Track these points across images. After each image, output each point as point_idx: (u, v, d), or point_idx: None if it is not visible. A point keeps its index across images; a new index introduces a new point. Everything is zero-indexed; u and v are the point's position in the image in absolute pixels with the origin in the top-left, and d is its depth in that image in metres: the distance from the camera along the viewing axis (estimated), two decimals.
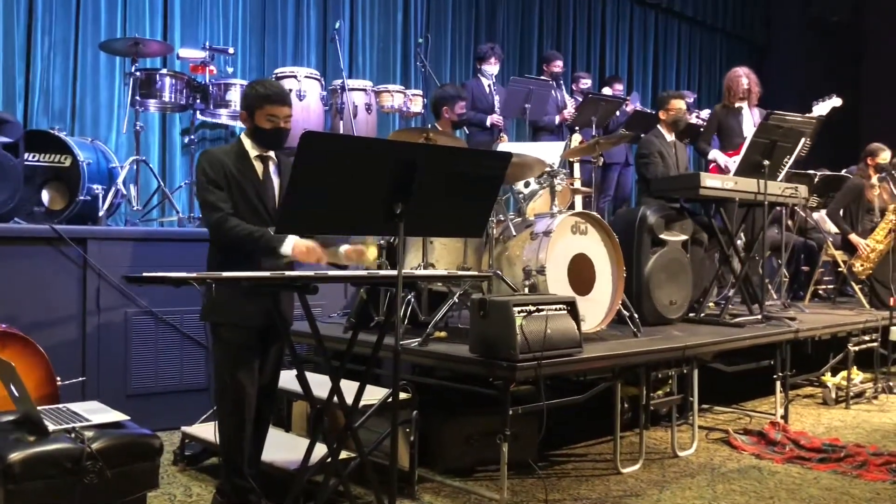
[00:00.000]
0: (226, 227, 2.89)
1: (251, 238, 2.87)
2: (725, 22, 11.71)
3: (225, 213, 2.90)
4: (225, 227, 2.89)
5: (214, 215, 2.91)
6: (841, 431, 4.70)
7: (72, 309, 4.24)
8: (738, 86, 6.01)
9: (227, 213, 2.90)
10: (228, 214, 2.90)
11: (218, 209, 2.91)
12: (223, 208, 2.91)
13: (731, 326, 4.76)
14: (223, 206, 2.91)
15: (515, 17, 9.06)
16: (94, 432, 2.69)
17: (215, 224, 2.92)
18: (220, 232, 2.92)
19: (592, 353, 3.62)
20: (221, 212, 2.90)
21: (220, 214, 2.90)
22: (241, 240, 2.88)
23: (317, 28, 7.30)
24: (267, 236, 2.85)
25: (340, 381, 2.82)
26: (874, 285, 6.42)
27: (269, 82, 3.15)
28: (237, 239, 2.89)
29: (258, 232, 2.87)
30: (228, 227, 2.88)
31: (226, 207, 2.91)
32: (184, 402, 4.42)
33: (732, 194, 4.95)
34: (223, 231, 2.90)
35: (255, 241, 2.87)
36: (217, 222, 2.91)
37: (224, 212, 2.90)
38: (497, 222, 4.23)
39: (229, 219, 2.89)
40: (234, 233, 2.88)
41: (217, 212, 2.91)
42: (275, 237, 2.83)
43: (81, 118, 5.89)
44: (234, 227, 2.88)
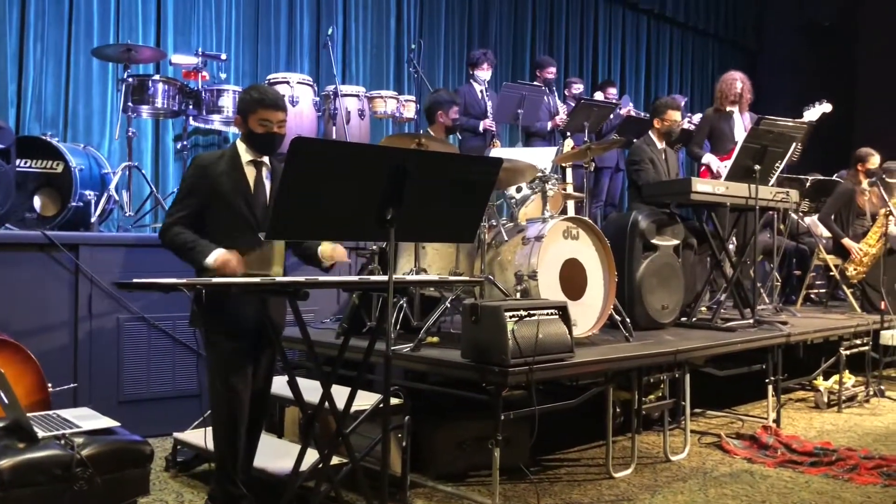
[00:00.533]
0: (168, 233, 2.94)
1: (185, 248, 2.89)
2: (717, 27, 11.77)
3: (173, 220, 2.94)
4: (167, 233, 2.94)
5: (165, 221, 2.98)
6: (833, 435, 4.71)
7: (63, 315, 4.23)
8: (732, 88, 6.04)
9: (176, 221, 2.93)
10: (175, 222, 2.93)
11: (169, 215, 2.97)
12: (174, 215, 2.95)
13: (722, 331, 4.77)
14: (175, 213, 2.95)
15: (508, 23, 9.09)
16: (85, 439, 2.69)
17: (161, 230, 2.98)
18: (163, 238, 2.97)
19: (584, 357, 3.62)
20: (171, 217, 2.95)
21: (168, 220, 2.96)
22: (176, 248, 2.92)
23: (309, 34, 7.31)
24: (197, 247, 2.86)
25: (332, 386, 2.82)
26: (865, 289, 6.45)
27: (263, 87, 3.16)
28: (173, 246, 2.93)
29: (191, 242, 2.88)
30: (170, 234, 2.93)
31: (177, 216, 2.94)
32: (176, 408, 4.41)
33: (724, 199, 4.97)
34: (165, 238, 2.95)
35: (187, 252, 2.89)
36: (162, 228, 2.97)
37: (173, 218, 2.94)
38: (489, 227, 4.24)
39: (172, 227, 2.93)
40: (172, 240, 2.92)
41: (168, 217, 2.97)
42: (204, 249, 2.84)
43: (74, 124, 5.89)
44: (175, 234, 2.92)
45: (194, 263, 2.88)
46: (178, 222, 2.94)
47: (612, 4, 10.35)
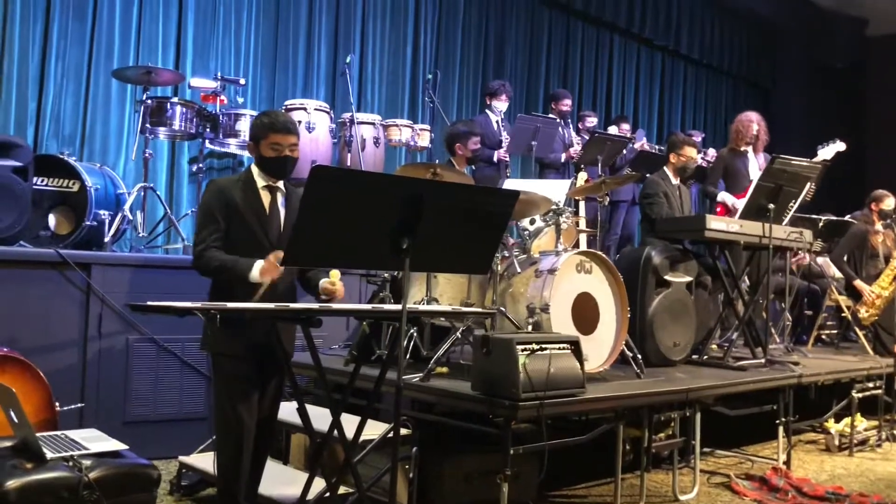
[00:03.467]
0: (203, 258, 2.93)
1: (223, 268, 2.89)
2: (731, 65, 11.82)
3: (206, 246, 2.93)
4: (202, 259, 2.93)
5: (196, 248, 2.97)
6: (844, 479, 4.64)
7: (73, 334, 4.23)
8: (749, 130, 6.05)
9: (208, 246, 2.93)
10: (209, 247, 2.93)
11: (200, 241, 2.96)
12: (206, 240, 2.94)
13: (734, 370, 4.73)
14: (207, 238, 2.94)
15: (523, 55, 9.16)
16: (92, 461, 2.68)
17: (195, 256, 2.97)
18: (197, 264, 2.96)
19: (595, 393, 3.59)
20: (203, 244, 2.94)
21: (200, 247, 2.94)
22: (214, 271, 2.92)
23: (327, 61, 7.38)
24: (238, 266, 2.85)
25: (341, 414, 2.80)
26: (878, 331, 6.39)
27: (274, 112, 3.18)
28: (210, 270, 2.93)
29: (230, 262, 2.88)
30: (205, 258, 2.92)
31: (209, 240, 2.94)
32: (182, 430, 4.39)
33: (737, 237, 4.95)
34: (200, 263, 2.94)
35: (227, 271, 2.88)
36: (196, 255, 2.96)
37: (205, 244, 2.93)
38: (502, 259, 4.23)
39: (207, 251, 2.92)
40: (210, 264, 2.91)
41: (199, 244, 2.95)
42: (245, 266, 2.84)
43: (91, 144, 5.93)
44: (210, 258, 2.91)
45: (238, 281, 2.86)
46: (211, 245, 2.93)
47: (628, 40, 10.42)
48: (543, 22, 9.40)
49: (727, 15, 11.51)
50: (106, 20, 6.00)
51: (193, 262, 2.98)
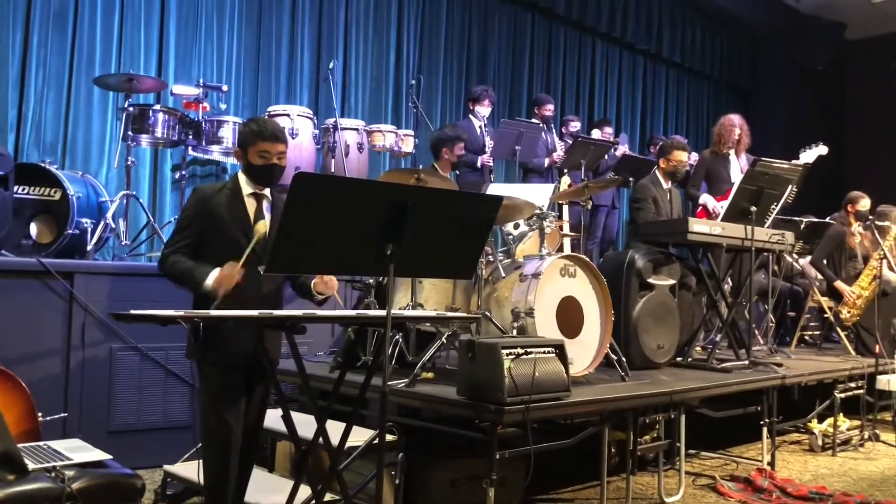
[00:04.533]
0: (166, 263, 2.93)
1: (184, 274, 2.88)
2: (713, 69, 11.91)
3: (172, 249, 2.93)
4: (166, 262, 2.93)
5: (164, 250, 2.97)
6: (828, 479, 4.68)
7: (56, 343, 4.20)
8: (731, 134, 6.10)
9: (174, 250, 2.92)
10: (175, 251, 2.92)
11: (169, 245, 2.96)
12: (173, 245, 2.94)
13: (718, 371, 4.76)
14: (176, 243, 2.94)
15: (506, 61, 9.19)
16: (75, 472, 2.66)
17: (160, 259, 2.97)
18: (161, 267, 2.96)
19: (580, 397, 3.60)
20: (170, 247, 2.94)
21: (167, 250, 2.95)
22: (175, 276, 2.91)
23: (310, 67, 7.37)
24: (195, 273, 2.84)
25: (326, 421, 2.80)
26: (860, 332, 6.46)
27: (262, 120, 3.17)
28: (172, 275, 2.92)
29: (190, 269, 2.87)
30: (168, 263, 2.92)
31: (177, 245, 2.93)
32: (167, 439, 4.36)
33: (720, 240, 4.99)
34: (163, 268, 2.94)
35: (186, 278, 2.87)
36: (161, 258, 2.96)
37: (172, 248, 2.93)
38: (486, 263, 4.24)
39: (172, 254, 2.92)
40: (170, 269, 2.91)
41: (168, 247, 2.96)
42: (201, 274, 2.82)
43: (73, 152, 5.89)
44: (172, 264, 2.90)
45: (195, 288, 2.85)
46: (177, 252, 2.92)
47: (609, 44, 10.47)
48: (526, 27, 9.44)
49: (708, 19, 11.60)
50: (87, 27, 5.96)
51: (159, 264, 2.98)
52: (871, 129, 12.79)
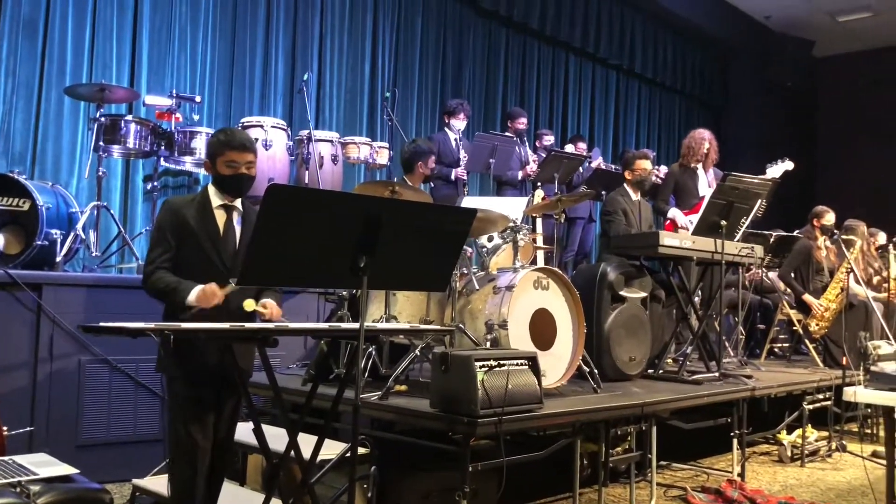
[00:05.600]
0: (149, 280, 2.91)
1: (167, 290, 2.86)
2: (684, 84, 12.08)
3: (155, 267, 2.91)
4: (149, 280, 2.91)
5: (146, 268, 2.95)
6: (796, 490, 4.73)
7: (23, 356, 4.13)
8: (700, 147, 6.18)
9: (157, 267, 2.91)
10: (158, 268, 2.91)
11: (150, 262, 2.94)
12: (155, 261, 2.92)
13: (689, 383, 4.81)
14: (156, 259, 2.93)
15: (481, 74, 9.24)
16: (41, 487, 2.61)
17: (144, 277, 2.95)
18: (145, 285, 2.94)
19: (553, 409, 3.62)
20: (152, 265, 2.92)
21: (149, 268, 2.93)
22: (159, 292, 2.89)
23: (284, 79, 7.35)
24: (179, 289, 2.83)
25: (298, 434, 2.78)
26: (828, 344, 6.56)
27: (230, 130, 3.15)
28: (156, 292, 2.90)
29: (173, 283, 2.86)
30: (151, 280, 2.90)
31: (158, 261, 2.92)
32: (136, 453, 4.31)
33: (690, 253, 5.05)
34: (147, 285, 2.93)
35: (168, 295, 2.86)
36: (144, 276, 2.94)
37: (154, 265, 2.92)
38: (460, 275, 4.25)
39: (154, 272, 2.90)
40: (154, 286, 2.90)
41: (149, 265, 2.94)
42: (184, 290, 2.81)
43: (42, 162, 5.81)
44: (155, 280, 2.89)
45: (177, 305, 2.83)
46: (160, 267, 2.91)
47: (583, 59, 10.58)
48: (500, 41, 9.51)
49: (680, 35, 11.77)
50: (58, 36, 5.90)
51: (142, 282, 2.96)
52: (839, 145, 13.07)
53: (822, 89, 13.54)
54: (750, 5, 11.67)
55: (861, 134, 12.75)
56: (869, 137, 12.62)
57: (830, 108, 13.41)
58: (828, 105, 13.49)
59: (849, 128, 12.96)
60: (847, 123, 13.00)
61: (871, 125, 12.60)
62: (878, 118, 12.53)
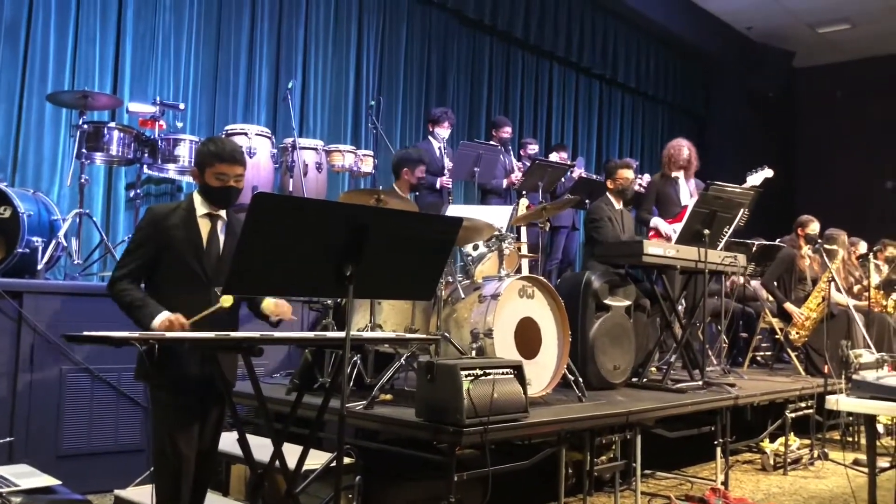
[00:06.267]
0: (115, 289, 2.87)
1: (132, 307, 2.83)
2: (667, 94, 12.18)
3: (122, 275, 2.88)
4: (114, 288, 2.87)
5: (114, 274, 2.91)
6: (779, 498, 4.76)
7: (3, 365, 4.08)
8: (680, 155, 6.23)
9: (125, 276, 2.87)
10: (125, 277, 2.87)
11: (120, 268, 2.91)
12: (124, 268, 2.89)
13: (672, 392, 4.83)
14: (127, 267, 2.89)
15: (465, 83, 9.27)
16: (22, 498, 2.59)
17: (110, 282, 2.91)
18: (110, 290, 2.90)
19: (538, 417, 3.62)
20: (121, 271, 2.89)
21: (118, 273, 2.89)
22: (124, 305, 2.86)
23: (268, 86, 7.33)
24: (145, 308, 2.79)
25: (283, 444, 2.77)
26: (809, 353, 6.61)
27: (221, 140, 3.13)
28: (120, 303, 2.86)
29: (139, 301, 2.82)
30: (116, 289, 2.86)
31: (128, 269, 2.88)
32: (118, 463, 4.26)
33: (674, 262, 5.08)
34: (112, 291, 2.89)
35: (134, 310, 2.82)
36: (111, 280, 2.91)
37: (123, 273, 2.88)
38: (446, 284, 4.25)
39: (121, 281, 2.87)
40: (119, 296, 2.86)
41: (118, 270, 2.91)
42: (148, 311, 2.77)
43: (24, 169, 5.75)
44: (121, 291, 2.85)
45: (139, 324, 2.79)
46: (128, 276, 2.87)
47: (566, 68, 10.64)
48: (484, 50, 9.54)
49: (663, 45, 11.87)
50: (40, 43, 5.85)
51: (108, 287, 2.92)
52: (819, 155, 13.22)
53: (803, 99, 13.70)
54: (732, 16, 11.80)
55: (841, 143, 12.91)
56: (848, 147, 12.78)
57: (810, 117, 13.58)
58: (808, 115, 13.65)
59: (829, 137, 13.12)
60: (827, 133, 13.16)
61: (851, 135, 12.77)
62: (857, 128, 12.70)
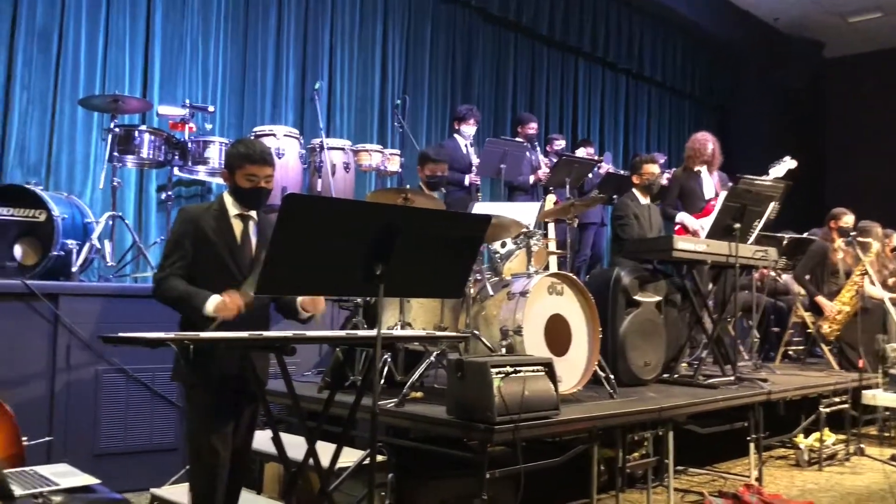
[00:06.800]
0: (162, 287, 2.91)
1: (181, 299, 2.87)
2: (693, 87, 12.07)
3: (167, 274, 2.91)
4: (162, 287, 2.91)
5: (157, 274, 2.96)
6: (815, 494, 4.70)
7: (41, 366, 4.16)
8: (704, 150, 6.14)
9: (170, 274, 2.91)
10: (170, 275, 2.91)
11: (162, 269, 2.94)
12: (168, 268, 2.93)
13: (704, 388, 4.79)
14: (170, 267, 2.93)
15: (490, 80, 9.26)
16: (63, 497, 2.63)
17: (155, 284, 2.95)
18: (156, 293, 2.94)
19: (570, 415, 3.61)
20: (164, 272, 2.93)
21: (161, 274, 2.93)
22: (172, 301, 2.90)
23: (295, 87, 7.39)
24: (194, 298, 2.83)
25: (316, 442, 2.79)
26: (843, 347, 6.52)
27: (251, 142, 3.17)
28: (169, 300, 2.91)
29: (188, 293, 2.86)
30: (164, 287, 2.90)
31: (172, 268, 2.92)
32: (153, 462, 4.32)
33: (705, 256, 5.03)
34: (159, 291, 2.93)
35: (184, 302, 2.86)
36: (156, 282, 2.94)
37: (167, 272, 2.92)
38: (474, 282, 4.25)
39: (167, 279, 2.91)
40: (167, 294, 2.90)
41: (161, 271, 2.94)
42: (200, 299, 2.82)
43: (57, 173, 5.86)
44: (168, 288, 2.89)
45: (193, 313, 2.83)
46: (172, 275, 2.91)
47: (592, 63, 10.59)
48: (509, 47, 9.53)
49: (688, 38, 11.76)
50: (72, 48, 5.95)
51: (153, 290, 2.96)
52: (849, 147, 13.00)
53: (832, 90, 13.48)
54: (758, 7, 11.65)
55: (872, 134, 12.68)
56: (880, 138, 12.55)
57: (840, 109, 13.35)
58: (837, 106, 13.43)
59: (859, 128, 12.89)
60: (857, 124, 12.93)
61: (882, 126, 12.54)
62: (889, 118, 12.46)
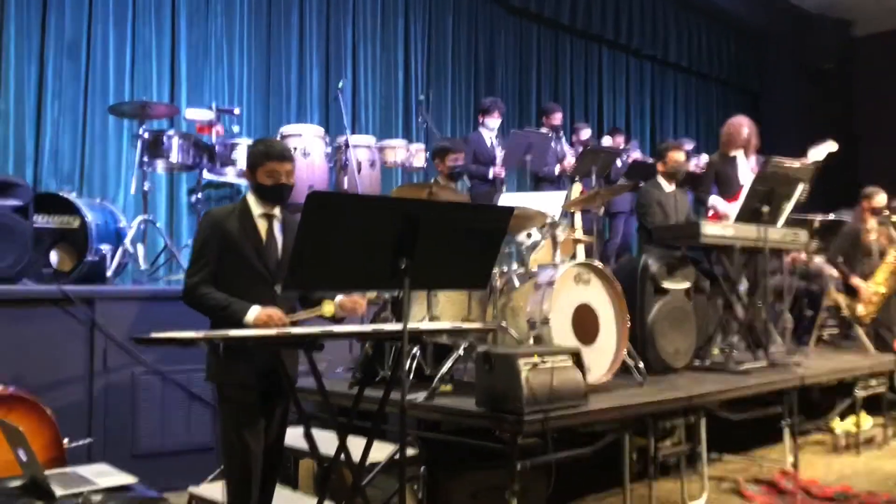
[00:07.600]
0: (195, 294, 2.93)
1: (218, 308, 2.89)
2: (720, 71, 11.92)
3: (198, 281, 2.94)
4: (195, 294, 2.94)
5: (188, 281, 2.97)
6: (853, 479, 4.64)
7: (79, 369, 4.25)
8: (740, 134, 6.06)
9: (201, 281, 2.94)
10: (202, 282, 2.93)
11: (192, 275, 2.97)
12: (197, 275, 2.95)
13: (736, 374, 4.74)
14: (199, 273, 2.95)
15: (514, 72, 9.24)
16: (102, 496, 2.70)
17: (186, 290, 2.97)
18: (188, 299, 2.97)
19: (599, 404, 3.61)
20: (195, 278, 2.95)
21: (192, 280, 2.95)
22: (207, 309, 2.93)
23: (319, 87, 7.45)
24: (232, 307, 2.86)
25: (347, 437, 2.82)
26: (878, 329, 6.41)
27: (269, 140, 3.21)
28: (203, 308, 2.93)
29: (224, 302, 2.89)
30: (198, 294, 2.93)
31: (201, 274, 2.95)
32: (191, 461, 4.40)
33: (733, 241, 4.97)
34: (192, 299, 2.95)
35: (221, 311, 2.89)
36: (188, 289, 2.96)
37: (197, 279, 2.94)
38: (500, 273, 4.26)
39: (200, 287, 2.93)
40: (200, 302, 2.92)
41: (191, 278, 2.96)
42: (240, 308, 2.84)
43: (90, 179, 5.99)
44: (203, 295, 2.92)
45: (230, 323, 2.84)
46: (202, 281, 2.94)
47: (616, 51, 10.51)
48: (532, 38, 9.50)
49: (713, 21, 11.61)
50: (100, 58, 6.08)
51: (184, 296, 2.98)
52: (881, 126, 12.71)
53: (862, 69, 13.20)
54: None
55: None
56: None
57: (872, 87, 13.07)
58: (868, 84, 13.14)
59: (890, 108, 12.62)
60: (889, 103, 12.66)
61: None
62: None
